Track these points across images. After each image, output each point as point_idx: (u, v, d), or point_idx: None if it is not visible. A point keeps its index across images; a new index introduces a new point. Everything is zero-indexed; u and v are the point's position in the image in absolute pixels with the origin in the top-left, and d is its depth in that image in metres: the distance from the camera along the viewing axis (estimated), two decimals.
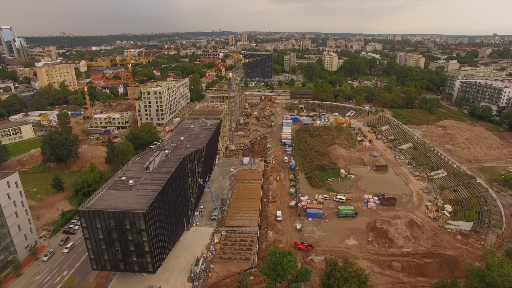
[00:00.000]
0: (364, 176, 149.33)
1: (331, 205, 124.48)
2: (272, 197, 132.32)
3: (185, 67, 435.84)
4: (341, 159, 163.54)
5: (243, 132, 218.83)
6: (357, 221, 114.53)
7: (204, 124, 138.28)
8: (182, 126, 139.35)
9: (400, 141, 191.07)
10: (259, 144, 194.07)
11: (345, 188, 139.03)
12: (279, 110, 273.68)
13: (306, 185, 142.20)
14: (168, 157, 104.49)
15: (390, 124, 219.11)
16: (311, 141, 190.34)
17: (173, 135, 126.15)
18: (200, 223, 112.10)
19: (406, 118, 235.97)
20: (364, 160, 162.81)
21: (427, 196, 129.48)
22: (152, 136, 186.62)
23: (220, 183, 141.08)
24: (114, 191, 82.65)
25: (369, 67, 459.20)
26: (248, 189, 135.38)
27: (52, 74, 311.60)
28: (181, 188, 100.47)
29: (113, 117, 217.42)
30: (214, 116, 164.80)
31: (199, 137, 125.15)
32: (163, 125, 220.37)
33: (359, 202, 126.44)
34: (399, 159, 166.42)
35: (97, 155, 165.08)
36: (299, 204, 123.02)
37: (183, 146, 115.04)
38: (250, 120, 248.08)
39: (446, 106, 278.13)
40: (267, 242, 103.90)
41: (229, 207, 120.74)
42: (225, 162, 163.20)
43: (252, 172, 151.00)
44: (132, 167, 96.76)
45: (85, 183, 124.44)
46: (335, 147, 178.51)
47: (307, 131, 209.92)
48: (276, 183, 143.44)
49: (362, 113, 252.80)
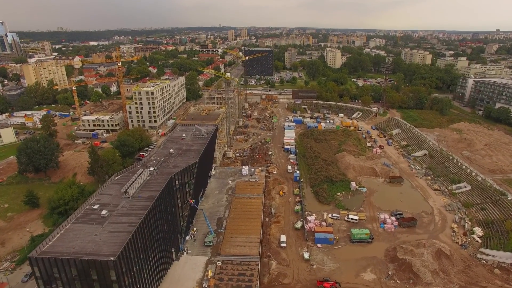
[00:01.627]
0: (377, 190, 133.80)
1: (342, 227, 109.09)
2: (274, 215, 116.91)
3: (182, 64, 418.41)
4: (351, 169, 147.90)
5: (242, 136, 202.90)
6: (373, 247, 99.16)
7: (198, 133, 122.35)
8: (173, 135, 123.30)
9: (413, 147, 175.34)
10: (259, 150, 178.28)
11: (356, 204, 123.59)
12: (281, 110, 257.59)
13: (313, 200, 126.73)
14: (154, 176, 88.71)
15: (401, 127, 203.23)
16: (317, 147, 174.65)
17: (162, 147, 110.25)
18: (192, 250, 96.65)
19: (417, 120, 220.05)
20: (376, 171, 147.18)
21: (450, 215, 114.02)
22: (142, 142, 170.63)
23: (216, 198, 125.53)
24: (82, 225, 66.99)
25: (374, 64, 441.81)
26: (247, 206, 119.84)
27: (40, 72, 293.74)
28: (169, 214, 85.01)
29: (102, 119, 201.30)
30: (210, 121, 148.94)
31: (191, 148, 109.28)
32: (156, 128, 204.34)
33: (374, 223, 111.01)
34: (415, 169, 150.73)
35: (81, 164, 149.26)
36: (306, 225, 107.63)
37: (172, 161, 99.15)
38: (250, 122, 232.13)
39: (458, 106, 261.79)
40: (270, 276, 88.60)
41: (226, 230, 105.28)
42: (222, 173, 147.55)
43: (252, 184, 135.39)
44: (109, 189, 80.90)
45: (61, 201, 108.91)
46: (343, 155, 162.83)
47: (311, 135, 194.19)
48: (279, 198, 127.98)
49: (369, 114, 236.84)
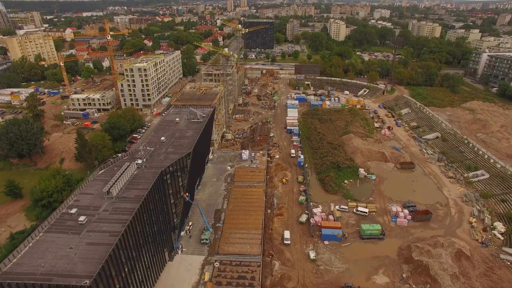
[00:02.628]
0: (387, 177, 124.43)
1: (351, 220, 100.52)
2: (277, 207, 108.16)
3: (179, 36, 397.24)
4: (359, 154, 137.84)
5: (242, 115, 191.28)
6: (385, 245, 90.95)
7: (193, 116, 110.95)
8: (166, 119, 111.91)
9: (424, 128, 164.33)
10: (260, 131, 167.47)
11: (365, 193, 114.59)
12: (283, 87, 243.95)
13: (319, 189, 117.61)
14: (142, 170, 78.57)
15: (410, 106, 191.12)
16: (322, 129, 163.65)
17: (153, 133, 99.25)
18: (187, 248, 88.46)
19: (427, 98, 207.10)
20: (386, 155, 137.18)
21: (468, 208, 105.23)
22: (135, 123, 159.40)
23: (213, 187, 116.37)
24: (55, 235, 57.59)
25: (380, 37, 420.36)
26: (248, 196, 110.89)
27: (26, 45, 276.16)
28: (159, 213, 75.74)
29: (92, 98, 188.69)
30: (207, 102, 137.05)
31: (185, 135, 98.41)
32: (150, 107, 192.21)
33: (385, 216, 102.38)
34: (427, 154, 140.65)
35: (69, 148, 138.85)
36: (311, 219, 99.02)
37: (163, 151, 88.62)
38: (250, 99, 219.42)
39: (469, 83, 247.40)
40: (273, 278, 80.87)
41: (224, 224, 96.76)
42: (220, 157, 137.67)
43: (253, 171, 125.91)
44: (91, 188, 70.96)
45: (44, 193, 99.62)
46: (350, 137, 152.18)
47: (315, 114, 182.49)
48: (282, 187, 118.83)
49: (376, 92, 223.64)
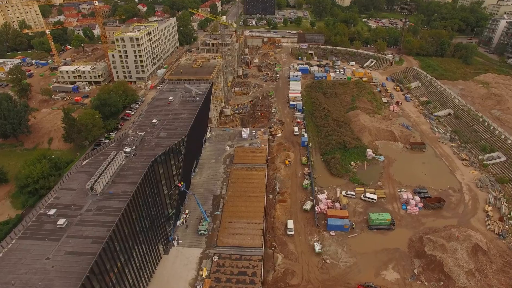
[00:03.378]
0: (396, 159, 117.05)
1: (358, 208, 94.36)
2: (279, 191, 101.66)
3: (175, 1, 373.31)
4: (366, 132, 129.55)
5: (242, 88, 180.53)
6: (395, 235, 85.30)
7: (188, 94, 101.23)
8: (158, 97, 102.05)
9: (435, 104, 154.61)
10: (261, 106, 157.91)
11: (374, 177, 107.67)
12: (285, 57, 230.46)
13: (324, 172, 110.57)
14: (131, 159, 70.62)
15: (420, 79, 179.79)
16: (326, 104, 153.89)
17: (144, 115, 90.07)
18: (184, 239, 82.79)
19: (437, 70, 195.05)
20: (395, 134, 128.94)
21: (482, 194, 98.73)
22: (128, 98, 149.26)
23: (211, 170, 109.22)
24: (30, 242, 50.72)
25: (388, 2, 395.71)
26: (248, 179, 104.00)
27: (9, 11, 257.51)
28: (151, 207, 68.88)
29: (83, 70, 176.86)
30: (204, 76, 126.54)
31: (179, 117, 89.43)
32: (145, 79, 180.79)
33: (395, 203, 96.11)
34: (438, 132, 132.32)
35: (58, 127, 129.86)
36: (316, 207, 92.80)
37: (154, 135, 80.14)
38: (250, 70, 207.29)
39: (483, 53, 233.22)
40: (275, 273, 75.80)
41: (223, 212, 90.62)
42: (218, 135, 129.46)
43: (254, 151, 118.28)
44: (73, 182, 63.28)
45: (29, 179, 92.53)
46: (357, 114, 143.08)
47: (320, 88, 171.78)
48: (284, 169, 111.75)
49: (384, 62, 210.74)
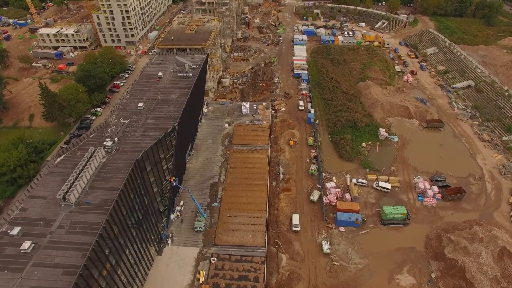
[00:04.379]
0: (411, 139, 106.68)
1: (370, 198, 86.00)
2: (284, 178, 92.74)
3: None
4: (378, 108, 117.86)
5: (242, 53, 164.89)
6: (410, 232, 77.72)
7: (180, 69, 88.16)
8: (146, 72, 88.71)
9: (454, 74, 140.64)
10: (263, 74, 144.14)
11: (386, 161, 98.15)
12: (288, 16, 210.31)
13: (332, 154, 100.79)
14: (112, 156, 60.27)
15: (438, 44, 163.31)
16: (334, 73, 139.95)
17: (128, 96, 77.75)
18: (179, 237, 75.20)
19: (456, 33, 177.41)
20: (410, 110, 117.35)
21: (507, 183, 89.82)
22: (116, 67, 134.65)
23: (208, 152, 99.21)
24: None
25: None
26: (249, 164, 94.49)
27: None
28: (138, 211, 59.99)
29: (65, 33, 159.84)
30: (199, 43, 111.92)
31: (169, 98, 77.45)
32: (135, 44, 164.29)
33: (410, 193, 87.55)
34: (457, 108, 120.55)
35: (39, 101, 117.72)
36: (324, 198, 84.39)
37: (140, 123, 68.81)
38: (251, 32, 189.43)
39: (508, 12, 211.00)
40: (279, 276, 69.17)
41: (222, 204, 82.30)
42: (216, 110, 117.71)
43: (255, 130, 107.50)
44: (44, 187, 53.44)
45: (5, 167, 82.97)
46: (368, 85, 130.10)
47: (327, 53, 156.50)
48: (289, 151, 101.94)
49: (397, 24, 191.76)
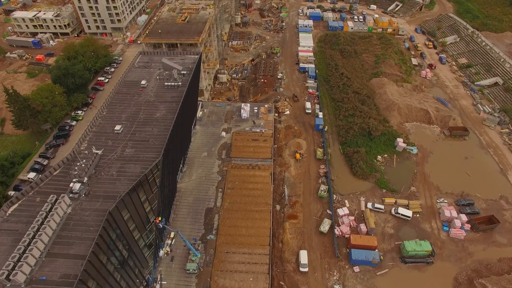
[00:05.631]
0: (432, 151, 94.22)
1: (388, 228, 74.91)
2: (289, 201, 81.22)
3: None
4: (395, 111, 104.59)
5: (241, 42, 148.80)
6: (435, 272, 67.12)
7: (168, 74, 74.10)
8: (127, 79, 74.19)
9: (478, 69, 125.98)
10: (265, 68, 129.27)
11: (405, 178, 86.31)
12: None
13: (344, 170, 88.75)
14: (80, 204, 47.96)
15: (458, 32, 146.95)
16: (345, 67, 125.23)
17: (104, 114, 64.40)
18: (169, 279, 64.30)
19: (478, 18, 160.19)
20: (430, 115, 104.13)
21: None
22: (99, 61, 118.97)
23: (203, 168, 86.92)
24: None
25: None
26: (249, 184, 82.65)
27: None
28: (118, 267, 48.77)
29: (43, 18, 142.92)
30: (191, 37, 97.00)
31: (154, 116, 64.06)
32: (122, 30, 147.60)
33: (433, 221, 76.35)
34: (483, 111, 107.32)
35: None
36: (336, 229, 73.25)
37: (117, 154, 56.12)
38: (251, 15, 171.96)
39: None
40: None
41: (219, 236, 71.13)
42: (212, 114, 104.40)
43: (256, 140, 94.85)
44: None
45: None
46: (383, 83, 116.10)
47: (336, 43, 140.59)
48: (294, 165, 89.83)
49: (412, 7, 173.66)
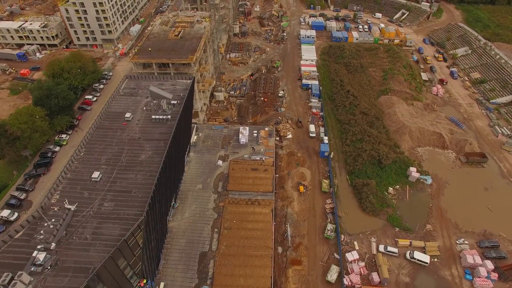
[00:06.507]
0: (448, 181, 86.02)
1: (403, 275, 66.73)
2: (292, 242, 73.12)
3: None
4: (406, 135, 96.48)
5: (239, 54, 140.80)
6: None
7: (156, 104, 65.83)
8: (109, 110, 65.76)
9: (493, 85, 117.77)
10: (265, 85, 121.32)
11: (420, 214, 78.27)
12: (293, 4, 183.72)
13: (352, 204, 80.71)
14: (44, 280, 39.32)
15: (470, 43, 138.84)
16: (351, 84, 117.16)
17: (82, 155, 56.25)
18: None
19: (489, 27, 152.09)
20: (444, 138, 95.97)
21: None
22: (87, 78, 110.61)
23: (197, 203, 78.72)
24: None
25: None
26: (248, 223, 74.52)
27: None
28: None
29: (29, 29, 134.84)
30: (184, 55, 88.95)
31: (138, 158, 55.83)
32: (113, 42, 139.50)
33: (454, 266, 68.20)
34: (501, 133, 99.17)
35: None
36: (345, 279, 65.12)
37: (94, 210, 47.73)
38: (250, 24, 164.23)
39: None
40: None
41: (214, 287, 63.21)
42: (207, 138, 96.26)
43: (256, 169, 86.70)
44: None
45: None
46: (392, 102, 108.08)
47: (340, 56, 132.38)
48: (298, 199, 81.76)
49: (419, 15, 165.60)
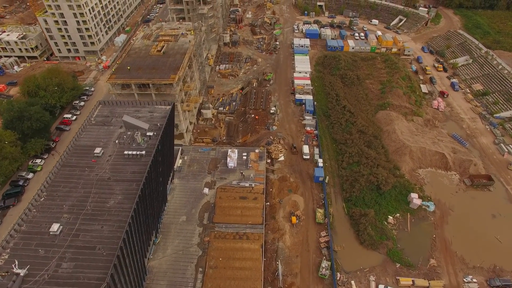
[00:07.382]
0: (452, 207, 79.62)
1: None
2: (283, 283, 66.30)
3: None
4: (407, 156, 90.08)
5: (230, 65, 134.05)
6: None
7: (130, 137, 58.82)
8: (78, 143, 58.76)
9: (496, 97, 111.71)
10: (255, 100, 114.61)
11: (422, 247, 71.86)
12: (286, 10, 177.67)
13: (348, 236, 74.18)
14: None
15: (470, 52, 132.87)
16: (347, 98, 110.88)
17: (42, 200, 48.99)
18: None
19: (489, 34, 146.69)
20: (447, 159, 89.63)
21: None
22: (65, 96, 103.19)
23: (181, 238, 71.67)
24: None
25: None
26: (236, 261, 67.64)
27: None
28: None
29: (7, 40, 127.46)
30: (166, 71, 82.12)
31: (106, 205, 48.81)
32: (97, 53, 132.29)
33: None
34: (507, 152, 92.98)
35: None
36: None
37: (48, 275, 40.62)
38: (242, 32, 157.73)
39: None
40: None
41: None
42: (193, 162, 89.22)
43: (245, 198, 79.87)
44: None
45: None
46: (391, 118, 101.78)
47: (336, 68, 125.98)
48: (290, 231, 75.00)
49: (417, 21, 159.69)
